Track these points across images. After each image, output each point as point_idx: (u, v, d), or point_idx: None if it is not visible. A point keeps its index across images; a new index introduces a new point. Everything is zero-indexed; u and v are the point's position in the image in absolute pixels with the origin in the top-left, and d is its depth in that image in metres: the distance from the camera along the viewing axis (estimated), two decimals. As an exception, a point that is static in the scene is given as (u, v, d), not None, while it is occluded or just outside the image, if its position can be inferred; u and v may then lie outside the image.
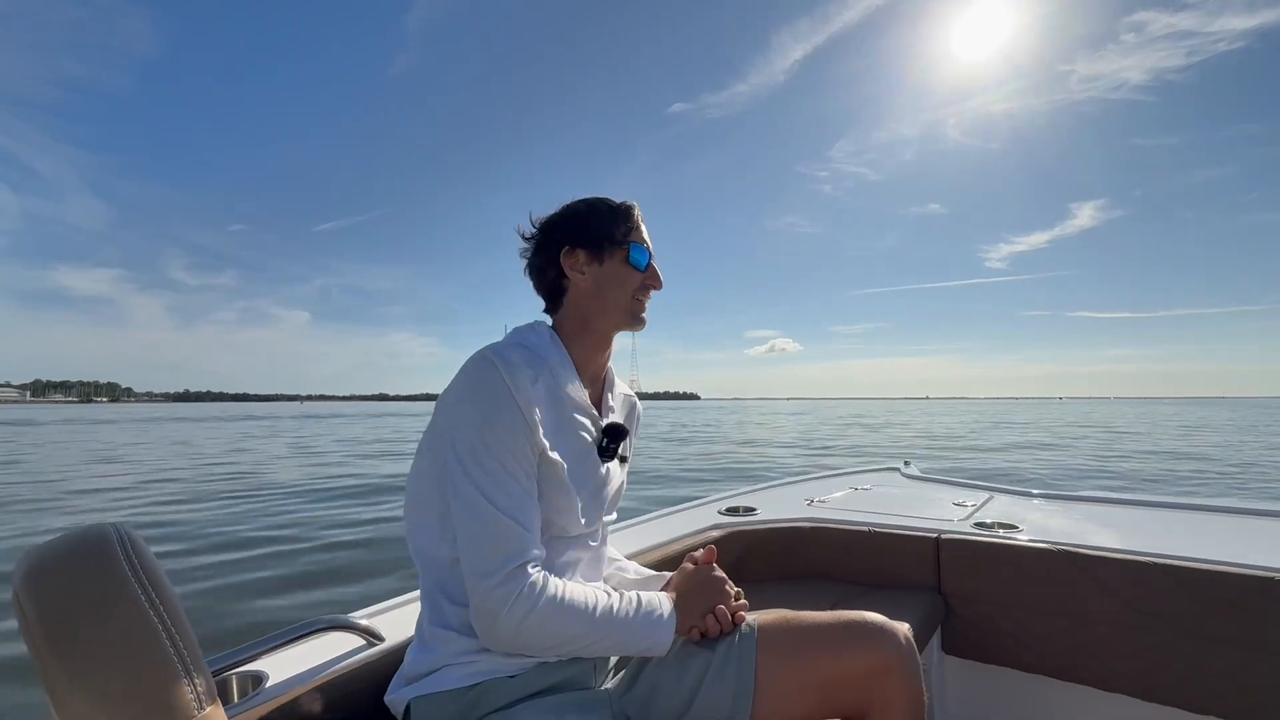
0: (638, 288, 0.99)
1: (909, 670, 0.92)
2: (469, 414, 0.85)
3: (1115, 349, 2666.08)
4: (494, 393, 0.85)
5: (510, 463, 0.84)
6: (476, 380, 0.86)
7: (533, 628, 0.81)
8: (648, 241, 1.01)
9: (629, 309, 0.99)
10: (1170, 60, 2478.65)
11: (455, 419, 0.86)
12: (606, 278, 0.98)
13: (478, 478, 0.83)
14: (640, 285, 0.99)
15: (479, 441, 0.84)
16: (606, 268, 0.98)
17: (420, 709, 0.85)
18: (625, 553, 1.39)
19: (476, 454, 0.83)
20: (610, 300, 0.98)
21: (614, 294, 0.98)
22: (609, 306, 0.98)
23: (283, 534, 6.14)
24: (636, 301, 0.99)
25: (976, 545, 1.60)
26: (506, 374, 0.86)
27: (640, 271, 0.99)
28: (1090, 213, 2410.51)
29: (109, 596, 0.54)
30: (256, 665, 0.96)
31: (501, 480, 0.83)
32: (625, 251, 0.97)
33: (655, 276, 1.01)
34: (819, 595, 1.68)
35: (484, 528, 0.81)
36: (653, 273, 1.01)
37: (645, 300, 1.00)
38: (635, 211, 1.01)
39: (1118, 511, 1.89)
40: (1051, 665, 1.51)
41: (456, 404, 0.87)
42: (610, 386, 1.06)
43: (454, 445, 0.86)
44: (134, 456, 15.59)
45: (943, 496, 2.14)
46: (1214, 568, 1.34)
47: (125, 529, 0.59)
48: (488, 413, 0.84)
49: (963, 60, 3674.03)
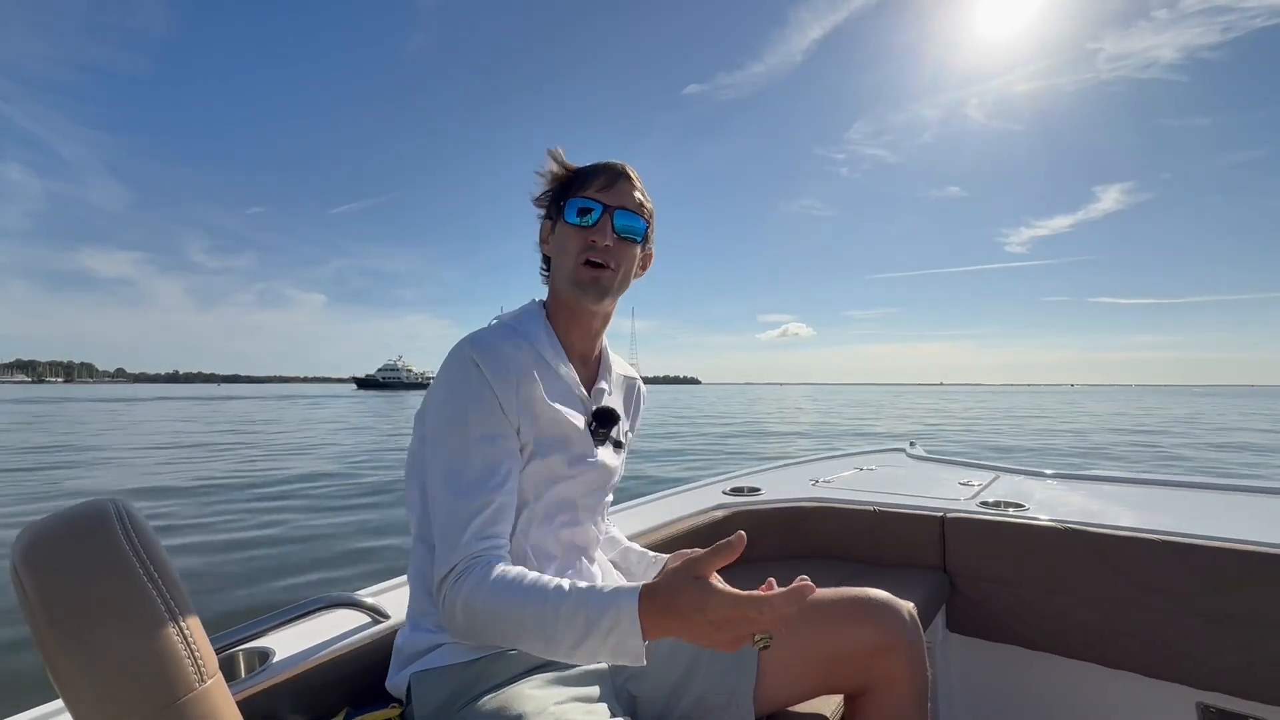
0: (580, 247, 0.89)
1: (913, 647, 0.92)
2: (440, 400, 0.85)
3: (1139, 335, 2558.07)
4: (465, 379, 0.84)
5: (477, 449, 0.82)
6: (450, 365, 0.86)
7: (477, 612, 0.75)
8: (598, 198, 0.89)
9: (572, 275, 0.90)
10: (1204, 37, 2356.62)
11: (431, 404, 0.87)
12: (558, 242, 0.93)
13: (444, 469, 0.82)
14: (583, 244, 0.89)
15: (445, 429, 0.83)
16: (557, 231, 0.93)
17: (420, 685, 0.84)
18: (628, 533, 1.39)
19: (442, 440, 0.83)
20: (560, 268, 0.93)
21: (561, 260, 0.92)
22: (561, 276, 0.93)
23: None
24: (580, 267, 0.89)
25: (982, 524, 1.59)
26: (480, 357, 0.84)
27: (581, 229, 0.89)
28: (1115, 196, 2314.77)
29: (108, 571, 0.54)
30: (263, 642, 0.97)
31: (465, 473, 0.81)
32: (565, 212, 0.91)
33: (601, 232, 0.88)
34: (823, 575, 1.68)
35: (446, 512, 0.80)
36: (598, 228, 0.89)
37: (594, 262, 0.89)
38: (597, 170, 0.92)
39: (1123, 490, 1.88)
40: (1056, 643, 1.51)
41: (434, 390, 0.87)
42: (606, 368, 1.02)
43: (427, 431, 0.86)
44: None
45: (948, 476, 2.14)
46: (1220, 545, 1.33)
47: (123, 503, 0.59)
48: (458, 399, 0.83)
49: (985, 39, 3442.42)
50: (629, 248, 0.93)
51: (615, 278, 0.91)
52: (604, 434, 0.96)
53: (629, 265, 0.93)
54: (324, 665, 0.94)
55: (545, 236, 0.98)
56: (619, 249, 0.91)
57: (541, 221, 0.98)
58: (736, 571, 1.64)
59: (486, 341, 0.87)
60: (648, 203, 0.95)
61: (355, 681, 0.97)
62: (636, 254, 0.95)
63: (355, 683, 0.97)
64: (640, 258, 0.97)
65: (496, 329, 0.92)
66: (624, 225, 0.91)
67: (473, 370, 0.84)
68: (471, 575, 0.77)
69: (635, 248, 0.94)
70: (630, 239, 0.92)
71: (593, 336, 0.99)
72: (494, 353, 0.86)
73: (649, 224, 0.95)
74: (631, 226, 0.92)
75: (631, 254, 0.93)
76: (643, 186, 0.94)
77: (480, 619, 0.75)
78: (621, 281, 0.93)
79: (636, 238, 0.93)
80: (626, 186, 0.92)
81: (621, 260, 0.92)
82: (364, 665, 0.98)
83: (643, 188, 0.94)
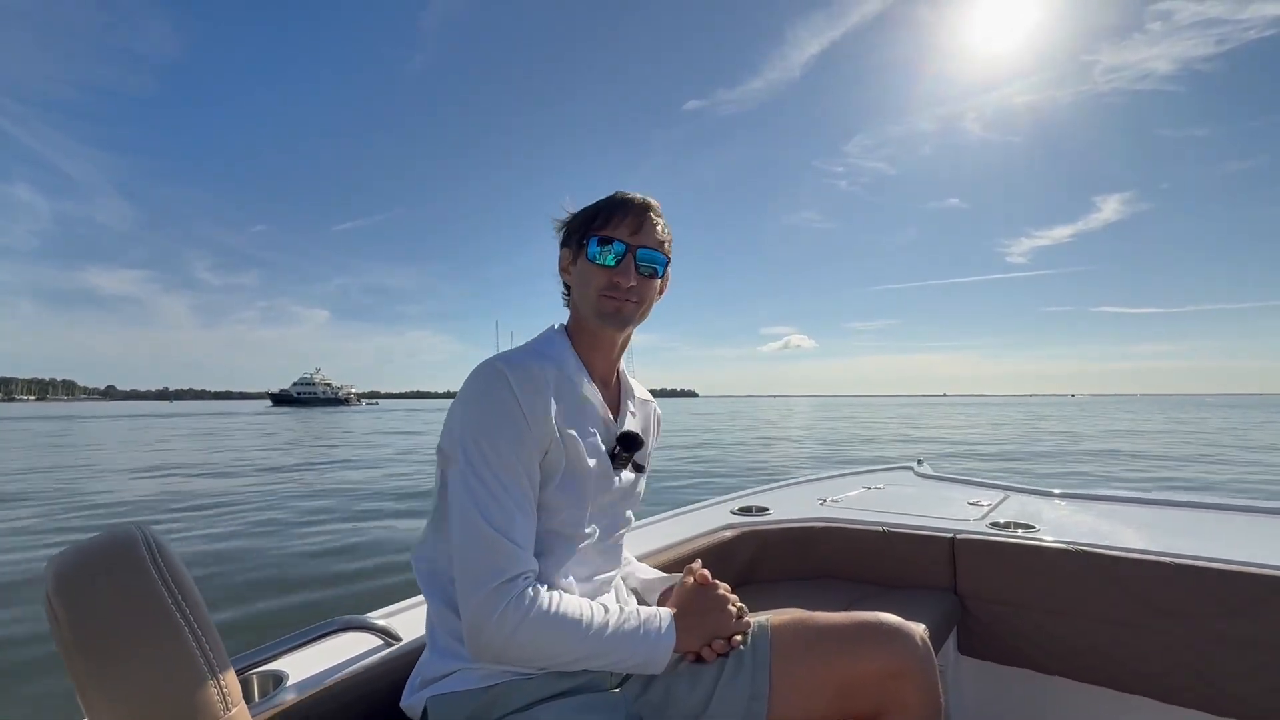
0: (603, 285, 0.93)
1: (925, 672, 0.91)
2: (469, 425, 0.85)
3: (1142, 345, 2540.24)
4: (496, 404, 0.84)
5: (508, 475, 0.83)
6: (479, 389, 0.86)
7: (521, 641, 0.80)
8: (621, 237, 0.93)
9: (594, 306, 0.94)
10: (1199, 49, 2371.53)
11: (456, 429, 0.86)
12: (579, 275, 0.96)
13: (474, 489, 0.82)
14: (605, 282, 0.93)
15: (476, 454, 0.83)
16: (579, 265, 0.97)
17: (437, 710, 0.85)
18: (637, 553, 1.39)
19: (473, 466, 0.83)
20: (583, 298, 0.96)
21: (583, 291, 0.96)
22: (584, 304, 0.96)
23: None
24: (603, 299, 0.93)
25: (993, 545, 1.59)
26: (514, 381, 0.85)
27: (603, 268, 0.93)
28: (1115, 206, 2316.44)
29: (136, 598, 0.55)
30: (276, 665, 0.97)
31: (496, 494, 0.82)
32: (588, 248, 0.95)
33: (624, 273, 0.92)
34: (833, 596, 1.67)
35: (475, 541, 0.81)
36: (621, 269, 0.92)
37: (616, 297, 0.93)
38: (621, 206, 0.94)
39: (1136, 511, 1.86)
40: (1069, 666, 1.49)
41: (460, 414, 0.87)
42: (627, 391, 1.05)
43: (454, 457, 0.86)
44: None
45: (957, 496, 2.12)
46: (1235, 568, 1.32)
47: (150, 531, 0.60)
48: (488, 426, 0.84)
49: (983, 52, 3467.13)
50: (650, 283, 0.96)
51: (638, 310, 0.96)
52: (627, 457, 0.98)
53: (650, 297, 0.97)
54: (337, 688, 0.94)
55: (565, 265, 1.00)
56: (641, 286, 0.94)
57: (561, 250, 1.01)
58: (745, 592, 1.64)
59: (516, 360, 0.89)
60: (668, 237, 0.98)
61: (369, 704, 0.97)
62: (657, 285, 0.99)
63: (369, 705, 0.97)
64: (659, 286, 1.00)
65: (523, 350, 0.94)
66: (646, 263, 0.94)
67: (504, 389, 0.85)
68: (517, 603, 0.80)
69: (656, 281, 0.98)
70: (651, 274, 0.96)
71: (612, 360, 1.02)
72: (524, 371, 0.87)
73: (669, 258, 0.99)
74: (653, 262, 0.95)
75: (653, 287, 0.97)
76: (663, 219, 0.97)
77: (525, 648, 0.81)
78: (643, 313, 0.98)
79: (658, 273, 0.97)
80: (649, 223, 0.95)
81: (644, 295, 0.96)
82: (377, 688, 0.98)
83: (664, 220, 0.97)
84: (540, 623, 0.80)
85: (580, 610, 0.85)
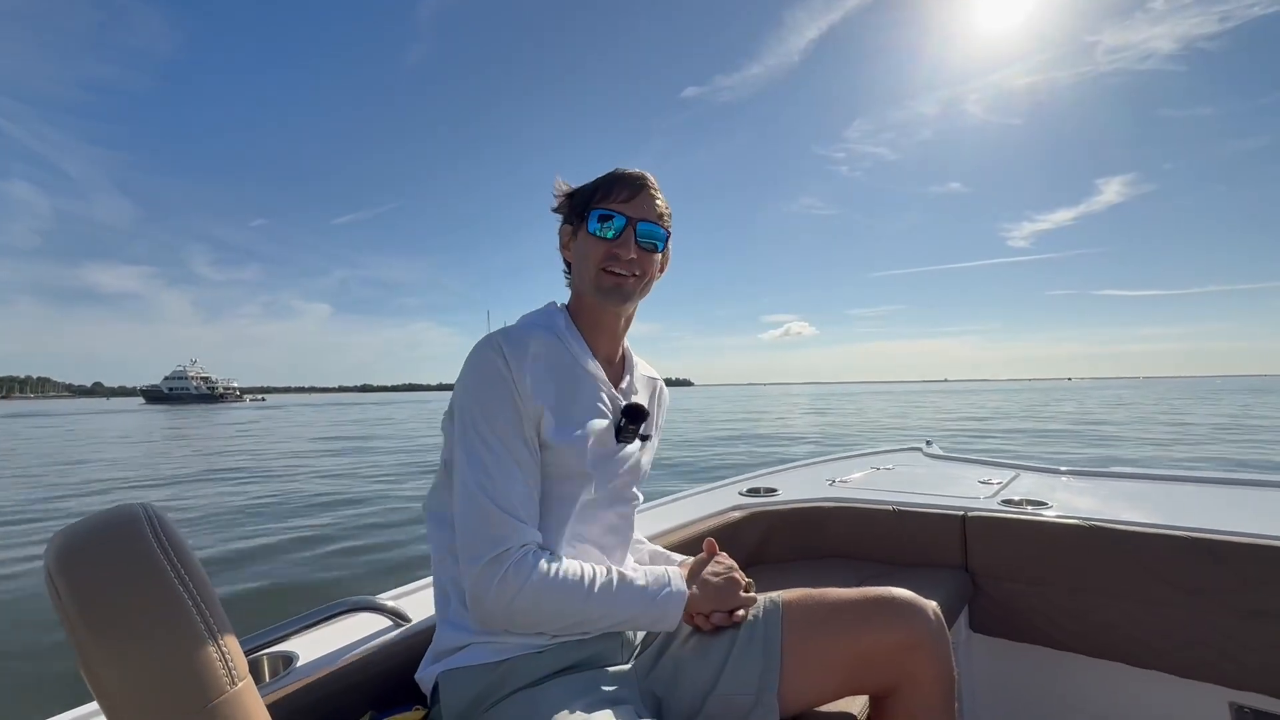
0: (602, 258, 0.92)
1: (938, 646, 0.91)
2: (467, 399, 0.86)
3: (1145, 328, 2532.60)
4: (490, 374, 0.85)
5: (504, 445, 0.84)
6: (475, 360, 0.87)
7: (523, 606, 0.81)
8: (620, 210, 0.92)
9: (594, 281, 0.93)
10: (1202, 27, 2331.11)
11: (457, 404, 0.88)
12: (579, 250, 0.96)
13: (473, 461, 0.84)
14: (605, 255, 0.92)
15: (473, 427, 0.85)
16: (579, 240, 0.96)
17: (448, 684, 0.85)
18: (646, 534, 1.39)
19: (470, 438, 0.84)
20: (583, 273, 0.95)
21: (582, 266, 0.95)
22: (584, 280, 0.95)
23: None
24: (602, 274, 0.92)
25: (1005, 522, 1.57)
26: (507, 350, 0.86)
27: (603, 241, 0.92)
28: (1118, 188, 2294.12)
29: (139, 574, 0.54)
30: (286, 646, 0.98)
31: (493, 464, 0.83)
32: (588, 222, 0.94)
33: (624, 245, 0.91)
34: (843, 575, 1.66)
35: (474, 512, 0.82)
36: (621, 242, 0.91)
37: (615, 271, 0.92)
38: (620, 180, 0.93)
39: (1149, 487, 1.85)
40: (1083, 643, 1.48)
41: (459, 389, 0.88)
42: (630, 367, 1.05)
43: (455, 430, 0.87)
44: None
45: (967, 475, 2.11)
46: (1252, 541, 1.30)
47: (152, 508, 0.60)
48: (484, 397, 0.85)
49: (983, 34, 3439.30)
50: (651, 257, 0.95)
51: (638, 284, 0.95)
52: (633, 430, 0.98)
53: (651, 272, 0.96)
54: (347, 668, 0.95)
55: (566, 242, 0.99)
56: (641, 259, 0.93)
57: (561, 226, 1.00)
58: (754, 572, 1.63)
59: (513, 334, 0.89)
60: (667, 211, 0.97)
61: (378, 684, 0.97)
62: (658, 260, 0.97)
63: (378, 685, 0.97)
64: (660, 261, 0.99)
65: (521, 322, 0.95)
66: (646, 237, 0.93)
67: (499, 361, 0.85)
68: (516, 569, 0.80)
69: (657, 255, 0.97)
70: (652, 249, 0.95)
71: (616, 337, 1.01)
72: (521, 345, 0.87)
73: (669, 231, 0.98)
74: (654, 237, 0.94)
75: (654, 261, 0.96)
76: (662, 194, 0.96)
77: (529, 614, 0.82)
78: (644, 287, 0.96)
79: (658, 247, 0.96)
80: (648, 197, 0.94)
81: (644, 269, 0.95)
82: (387, 668, 0.99)
83: (662, 196, 0.97)
84: (541, 586, 0.81)
85: (583, 571, 0.86)
